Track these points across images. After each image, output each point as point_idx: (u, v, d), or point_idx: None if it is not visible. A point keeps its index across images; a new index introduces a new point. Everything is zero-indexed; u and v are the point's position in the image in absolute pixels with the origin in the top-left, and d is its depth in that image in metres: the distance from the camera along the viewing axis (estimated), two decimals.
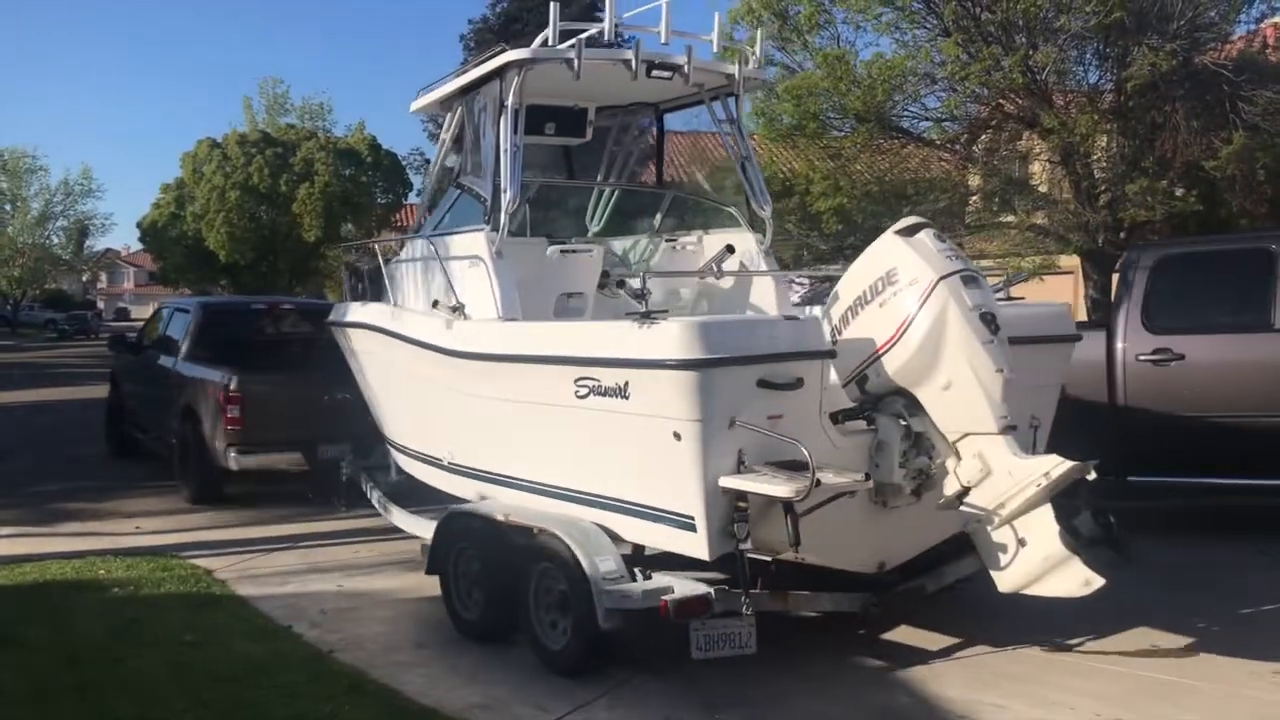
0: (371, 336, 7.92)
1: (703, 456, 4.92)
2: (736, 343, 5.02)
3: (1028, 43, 12.01)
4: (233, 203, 37.87)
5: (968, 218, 14.48)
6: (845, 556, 5.49)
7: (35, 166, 63.34)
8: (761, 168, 14.61)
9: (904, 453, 5.27)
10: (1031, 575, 5.03)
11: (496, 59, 6.67)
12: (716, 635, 5.19)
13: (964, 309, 5.04)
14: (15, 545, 8.95)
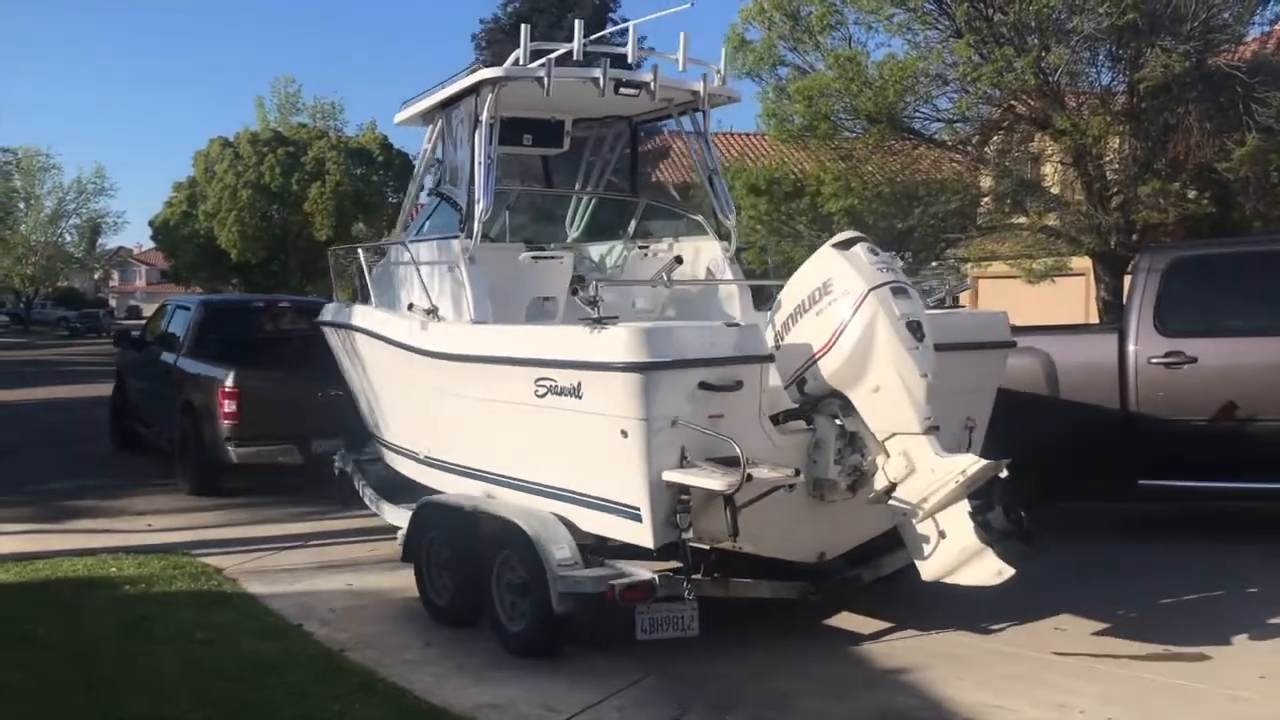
0: (355, 336, 8.28)
1: (647, 452, 5.29)
2: (679, 347, 5.39)
3: (1040, 44, 11.97)
4: (244, 201, 37.97)
5: (979, 219, 14.43)
6: (786, 547, 5.88)
7: (48, 165, 63.70)
8: (772, 169, 14.65)
9: (839, 451, 5.60)
10: (950, 565, 5.37)
11: (472, 76, 7.11)
12: (660, 618, 5.55)
13: (892, 318, 5.40)
14: (27, 542, 8.98)
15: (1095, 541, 8.37)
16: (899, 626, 6.30)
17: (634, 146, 8.57)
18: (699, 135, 7.84)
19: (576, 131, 8.39)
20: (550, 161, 8.86)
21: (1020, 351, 8.47)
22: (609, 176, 8.77)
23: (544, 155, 8.66)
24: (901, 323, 5.40)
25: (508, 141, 7.63)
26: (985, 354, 6.45)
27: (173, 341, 12.74)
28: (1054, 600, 6.81)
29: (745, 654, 5.88)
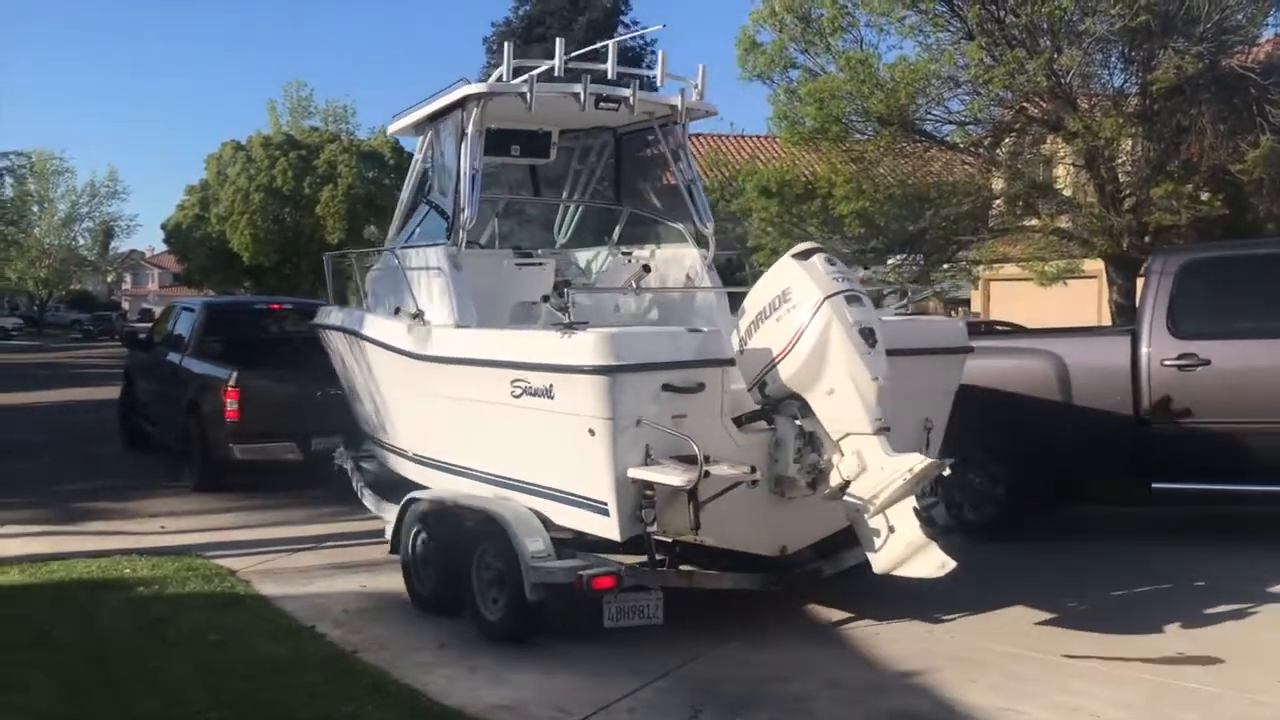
0: (347, 338, 8.63)
1: (613, 450, 5.58)
2: (643, 351, 5.71)
3: (1052, 46, 11.97)
4: (256, 205, 38.11)
5: (991, 221, 14.42)
6: (748, 541, 6.17)
7: (62, 169, 64.10)
8: (784, 171, 14.63)
9: (798, 450, 5.90)
10: (898, 558, 5.61)
11: (458, 91, 7.41)
12: (626, 607, 5.86)
13: (846, 325, 5.70)
14: (42, 544, 9.03)
15: (1107, 544, 8.36)
16: (911, 630, 6.30)
17: (618, 157, 8.74)
18: (679, 147, 8.15)
19: (563, 142, 8.65)
20: (538, 171, 9.08)
21: (1032, 354, 8.52)
22: (595, 185, 9.02)
23: (532, 165, 8.89)
24: (855, 329, 5.70)
25: (496, 151, 8.04)
26: (943, 359, 6.78)
27: (178, 342, 13.06)
28: (1066, 602, 6.80)
29: (758, 657, 5.89)
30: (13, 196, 46.85)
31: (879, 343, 5.76)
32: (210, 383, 11.52)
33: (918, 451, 5.92)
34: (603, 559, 5.95)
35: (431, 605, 6.80)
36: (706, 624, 6.47)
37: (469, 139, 7.24)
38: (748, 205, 14.99)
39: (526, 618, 6.07)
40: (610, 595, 5.80)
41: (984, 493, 8.56)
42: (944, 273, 16.31)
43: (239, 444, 11.07)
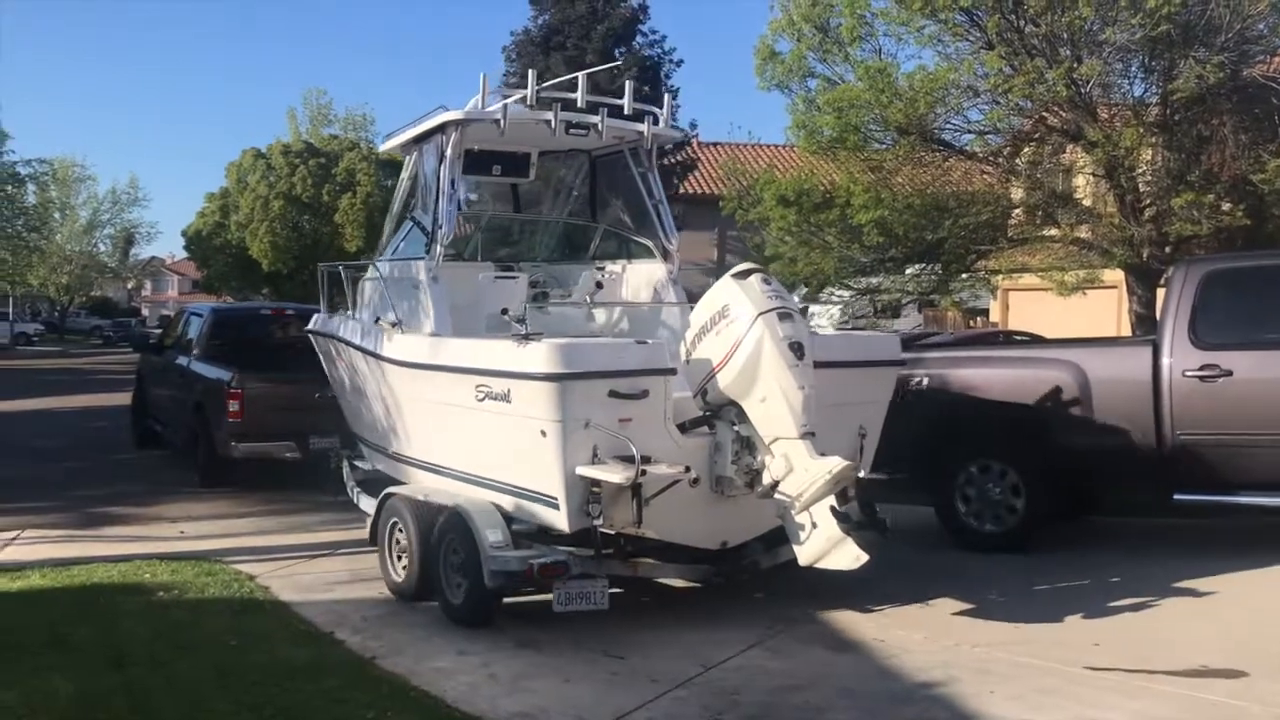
0: (335, 344, 9.23)
1: (562, 450, 6.11)
2: (590, 360, 6.23)
3: (1072, 55, 11.91)
4: (276, 212, 38.28)
5: (1010, 231, 14.34)
6: (691, 535, 6.68)
7: (84, 176, 64.48)
8: (801, 180, 14.59)
9: (735, 452, 6.40)
10: (820, 552, 6.09)
11: (437, 117, 7.98)
12: (575, 593, 6.38)
13: (776, 339, 6.16)
14: (63, 548, 9.08)
15: (1125, 555, 8.31)
16: (927, 641, 6.28)
17: (593, 177, 9.25)
18: (647, 170, 8.67)
19: (542, 163, 9.21)
20: (519, 189, 9.65)
21: (1052, 364, 8.49)
22: (572, 204, 9.62)
23: (513, 183, 9.46)
24: (785, 343, 6.17)
25: (478, 171, 8.70)
26: (876, 371, 7.29)
27: (186, 345, 13.74)
28: (1087, 614, 6.76)
29: (775, 666, 5.88)
30: (35, 203, 47.17)
31: (807, 355, 6.24)
32: (215, 385, 12.13)
33: (853, 456, 6.55)
34: (554, 549, 6.43)
35: (407, 592, 7.31)
36: (723, 633, 6.47)
37: (447, 161, 7.80)
38: (765, 214, 14.94)
39: (486, 602, 6.60)
40: (560, 582, 6.33)
41: (1002, 504, 8.54)
42: (963, 282, 16.23)
43: (241, 443, 11.70)
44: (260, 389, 11.71)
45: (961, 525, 8.74)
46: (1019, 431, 8.61)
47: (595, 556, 6.40)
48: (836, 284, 15.78)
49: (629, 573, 6.72)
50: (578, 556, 6.42)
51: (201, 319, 13.98)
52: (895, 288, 15.91)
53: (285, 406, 11.38)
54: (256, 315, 15.76)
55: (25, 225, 45.07)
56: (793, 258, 14.88)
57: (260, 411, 11.61)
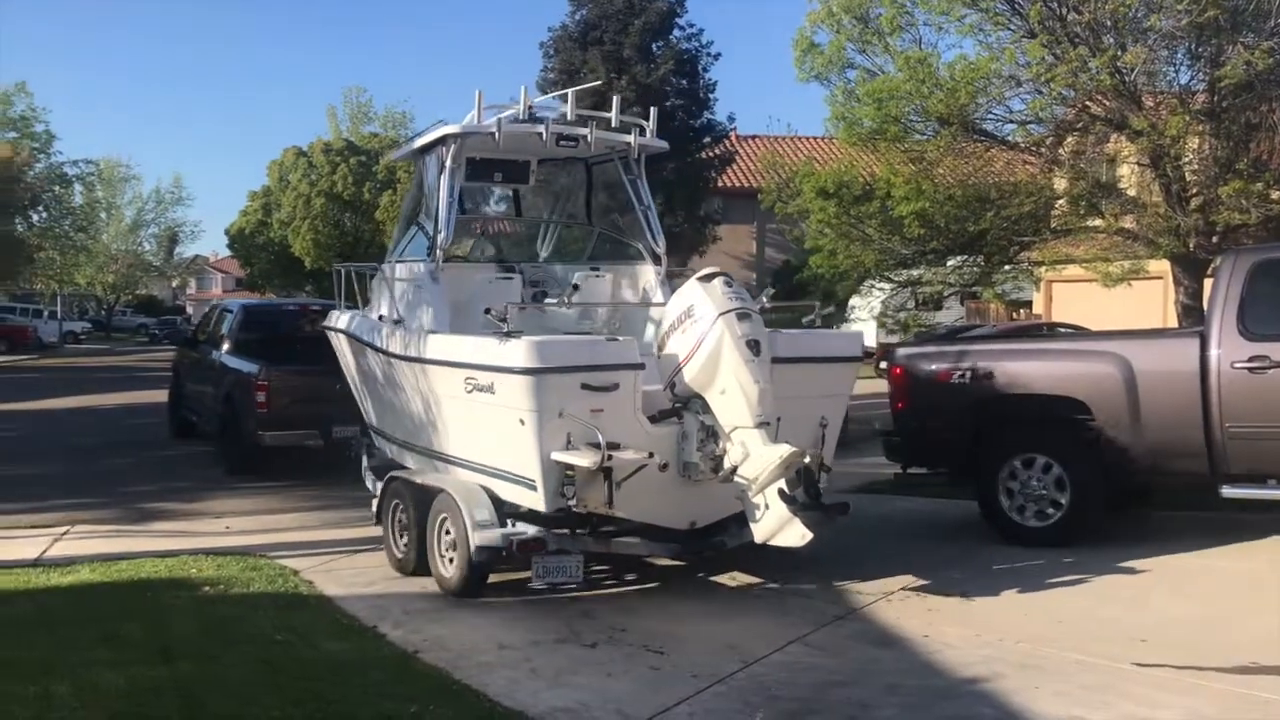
0: (346, 339, 9.81)
1: (539, 437, 6.66)
2: (564, 356, 6.79)
3: (1116, 43, 11.74)
4: (318, 210, 38.62)
5: (1053, 222, 14.16)
6: (661, 516, 7.22)
7: (129, 176, 65.39)
8: (841, 172, 14.48)
9: (700, 440, 6.92)
10: (771, 530, 6.55)
11: (438, 131, 8.61)
12: (553, 567, 7.02)
13: (735, 337, 6.70)
14: (111, 543, 9.22)
15: (1175, 551, 8.19)
16: (970, 636, 6.22)
17: (589, 184, 9.82)
18: (636, 178, 9.20)
19: (542, 170, 9.76)
20: (521, 194, 10.26)
21: (1097, 356, 8.38)
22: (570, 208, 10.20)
23: (514, 189, 10.09)
24: (742, 341, 6.70)
25: (481, 178, 9.37)
26: (837, 366, 7.86)
27: (218, 340, 14.57)
28: (1133, 610, 6.69)
29: (817, 662, 5.85)
30: (82, 203, 47.92)
31: (763, 352, 6.80)
32: (244, 377, 12.91)
33: (815, 445, 7.21)
34: (537, 529, 7.08)
35: (407, 567, 7.92)
36: (764, 628, 6.46)
37: (447, 171, 8.37)
38: (805, 207, 14.85)
39: (475, 575, 7.21)
40: (539, 557, 6.96)
41: (1046, 498, 8.45)
42: (1005, 274, 16.06)
43: (267, 431, 12.45)
44: (286, 381, 12.42)
45: (1005, 520, 8.66)
46: (1063, 425, 8.52)
47: (570, 534, 7.04)
48: (877, 276, 15.67)
49: (602, 549, 7.34)
50: (555, 534, 7.04)
51: (232, 314, 14.85)
52: (937, 280, 15.77)
53: (310, 397, 12.01)
54: (284, 311, 16.60)
55: (73, 225, 45.82)
56: (832, 250, 14.79)
57: (286, 402, 12.35)
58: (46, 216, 43.51)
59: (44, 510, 10.74)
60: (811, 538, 6.44)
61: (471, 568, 7.16)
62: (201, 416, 15.11)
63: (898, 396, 9.51)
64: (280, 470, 12.71)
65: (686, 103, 35.98)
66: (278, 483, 12.29)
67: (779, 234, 36.05)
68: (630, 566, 8.11)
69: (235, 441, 13.08)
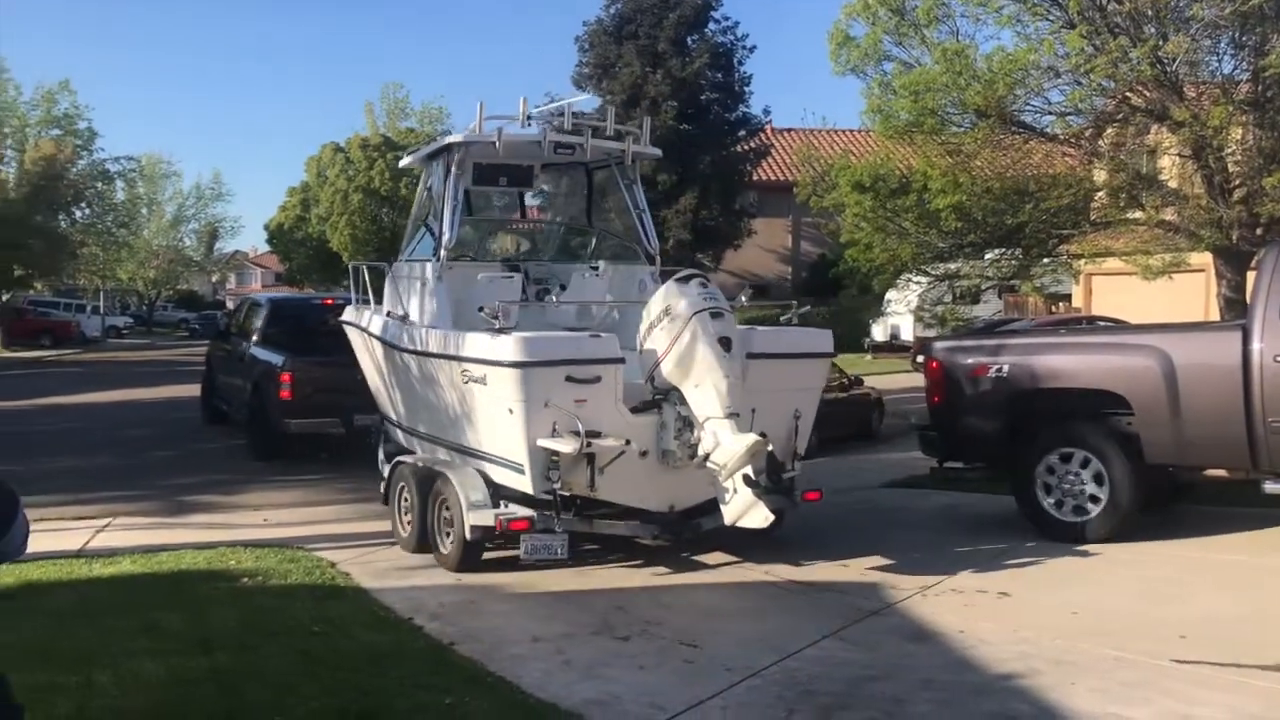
0: (360, 333, 10.39)
1: (526, 425, 7.23)
2: (549, 351, 7.37)
3: (1158, 33, 11.58)
4: (355, 205, 38.87)
5: (1093, 214, 13.99)
6: (642, 499, 7.75)
7: (169, 172, 66.06)
8: (877, 165, 14.41)
9: (677, 430, 7.43)
10: (739, 512, 7.08)
11: (442, 140, 9.37)
12: (539, 545, 7.51)
13: (708, 335, 7.23)
14: (152, 535, 9.34)
15: (1214, 548, 8.10)
16: (1005, 631, 6.18)
17: (590, 188, 10.38)
18: (632, 182, 9.81)
19: (546, 175, 10.29)
20: (525, 196, 10.86)
21: (1137, 350, 8.29)
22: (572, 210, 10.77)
23: (519, 192, 10.66)
24: (714, 338, 7.24)
25: (487, 182, 9.83)
26: (809, 362, 8.37)
27: (247, 332, 15.31)
28: (1171, 606, 6.61)
29: (851, 656, 5.83)
30: (124, 199, 48.45)
31: (734, 349, 7.33)
32: (269, 367, 13.59)
33: (789, 436, 7.93)
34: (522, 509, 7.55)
35: (411, 545, 8.50)
36: (798, 623, 6.45)
37: (451, 178, 8.94)
38: (840, 200, 14.75)
39: (470, 550, 7.76)
40: (526, 535, 7.48)
41: (1085, 493, 8.38)
42: (1044, 267, 15.88)
43: (292, 419, 13.09)
44: (309, 371, 13.04)
45: (1042, 515, 8.60)
46: (1102, 419, 8.44)
47: (555, 514, 7.44)
48: (914, 270, 15.56)
49: (585, 529, 7.78)
50: (541, 514, 7.48)
51: (261, 308, 15.63)
52: (974, 273, 15.63)
53: (332, 387, 12.48)
54: (310, 305, 17.21)
55: (114, 221, 46.31)
56: (868, 244, 14.69)
57: (309, 391, 12.97)
58: (89, 212, 44.03)
59: (87, 502, 10.89)
60: (773, 519, 7.08)
61: (466, 545, 7.71)
62: (232, 406, 15.74)
63: (934, 390, 9.46)
64: (316, 464, 12.84)
65: (721, 96, 35.93)
66: (315, 475, 12.41)
67: (814, 228, 35.93)
68: (665, 561, 8.13)
69: (262, 429, 13.73)
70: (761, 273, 42.15)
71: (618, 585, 7.46)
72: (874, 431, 17.63)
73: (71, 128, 42.63)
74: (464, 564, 7.81)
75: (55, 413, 20.41)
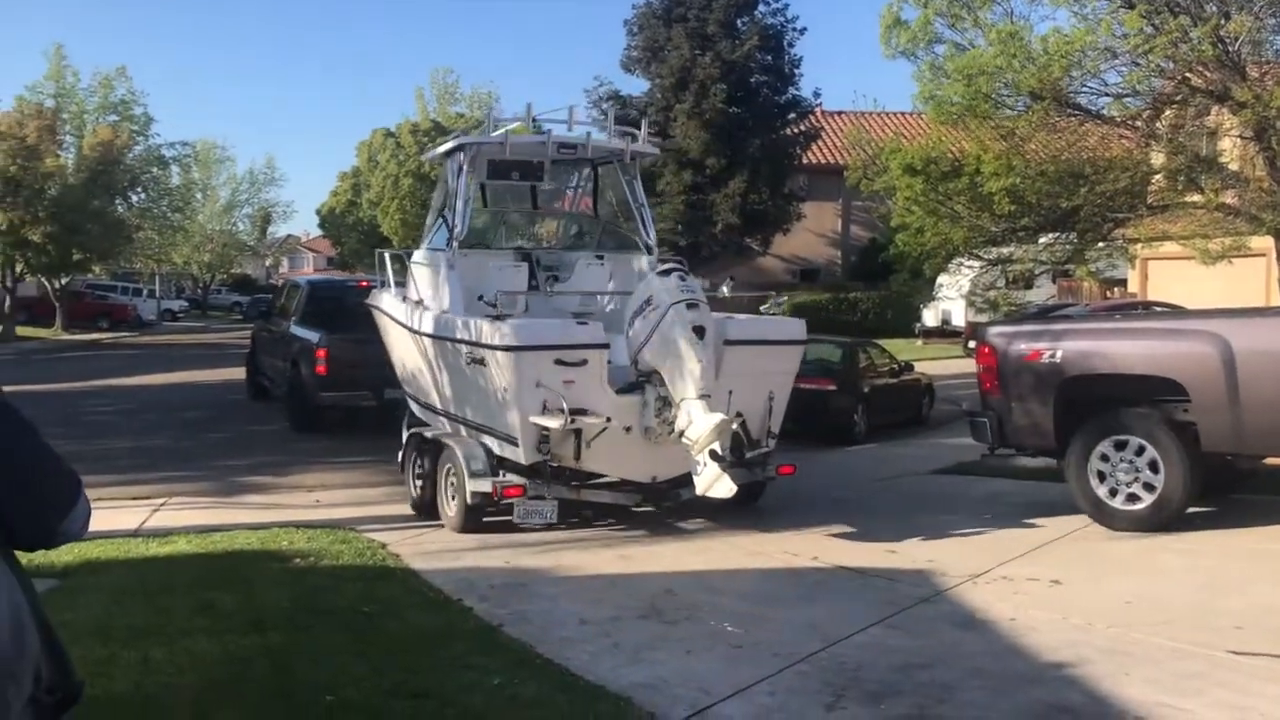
0: (382, 315, 11.37)
1: (519, 403, 8.13)
2: (539, 336, 8.26)
3: (1219, 12, 11.33)
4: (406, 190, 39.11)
5: (1149, 198, 13.74)
6: (627, 470, 8.66)
7: (224, 157, 66.92)
8: (929, 148, 14.25)
9: (657, 408, 8.22)
10: (708, 484, 7.72)
11: (454, 141, 10.42)
12: (531, 509, 8.38)
13: (684, 323, 7.96)
14: (207, 515, 9.50)
15: (1277, 538, 7.95)
16: (1055, 620, 6.11)
17: (595, 182, 11.29)
18: (633, 178, 10.62)
19: (555, 169, 10.87)
20: (537, 189, 11.46)
21: (1194, 336, 8.14)
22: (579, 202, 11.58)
23: (532, 185, 11.20)
24: (689, 326, 7.94)
25: (500, 176, 10.51)
26: (783, 348, 9.24)
27: (288, 312, 16.47)
28: (1229, 595, 6.51)
29: (899, 643, 5.79)
30: (179, 184, 49.14)
31: (707, 336, 8.02)
32: (306, 344, 14.61)
33: (764, 417, 8.81)
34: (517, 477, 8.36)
35: (423, 508, 9.41)
36: (846, 609, 6.41)
37: (463, 175, 9.84)
38: (891, 184, 14.59)
39: (471, 513, 8.57)
40: (519, 501, 8.32)
41: (1140, 481, 8.25)
42: (1099, 251, 15.62)
43: (326, 392, 14.15)
44: (342, 348, 13.88)
45: (1096, 503, 8.49)
46: (1157, 406, 8.30)
47: (546, 483, 8.31)
48: (966, 254, 15.37)
49: (573, 496, 8.61)
50: (534, 482, 8.32)
51: (300, 289, 16.92)
52: (1028, 258, 15.40)
53: (364, 363, 13.13)
54: (345, 286, 17.93)
55: (170, 206, 47.01)
56: (920, 228, 14.52)
57: (342, 367, 13.90)
58: (145, 197, 44.72)
59: (143, 482, 11.09)
60: (736, 490, 7.75)
61: (467, 509, 8.54)
62: (273, 381, 16.86)
63: (986, 376, 9.35)
64: (367, 445, 12.96)
65: (771, 79, 35.72)
66: (366, 457, 12.54)
67: (865, 211, 35.63)
68: (712, 547, 8.12)
69: (299, 401, 14.76)
70: (811, 257, 41.90)
71: (664, 569, 7.48)
72: (924, 417, 17.50)
73: (128, 114, 43.30)
74: (465, 525, 8.61)
75: (112, 394, 20.79)
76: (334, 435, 14.40)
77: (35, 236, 35.79)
